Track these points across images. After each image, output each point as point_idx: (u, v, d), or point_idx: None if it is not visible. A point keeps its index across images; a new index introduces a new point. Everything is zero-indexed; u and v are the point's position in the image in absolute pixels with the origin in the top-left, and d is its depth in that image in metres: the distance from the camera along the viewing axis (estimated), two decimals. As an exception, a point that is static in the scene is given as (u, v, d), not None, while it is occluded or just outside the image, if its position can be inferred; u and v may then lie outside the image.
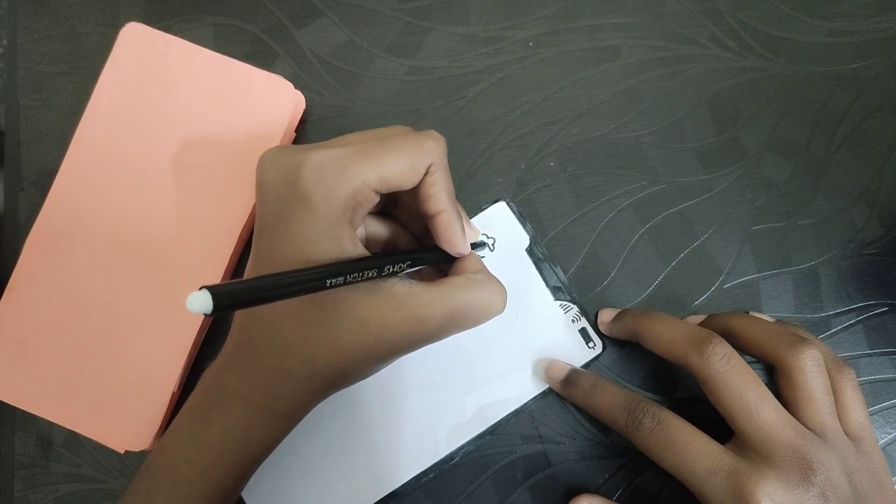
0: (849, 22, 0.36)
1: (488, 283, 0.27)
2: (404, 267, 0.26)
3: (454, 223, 0.27)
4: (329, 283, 0.22)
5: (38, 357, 0.32)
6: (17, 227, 0.34)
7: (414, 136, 0.26)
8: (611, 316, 0.32)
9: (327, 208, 0.24)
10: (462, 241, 0.27)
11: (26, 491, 0.32)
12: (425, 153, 0.25)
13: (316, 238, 0.24)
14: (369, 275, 0.24)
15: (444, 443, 0.32)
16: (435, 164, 0.26)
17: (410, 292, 0.25)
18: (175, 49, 0.33)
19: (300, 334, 0.25)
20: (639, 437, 0.28)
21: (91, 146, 0.33)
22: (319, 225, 0.24)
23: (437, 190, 0.26)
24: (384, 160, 0.24)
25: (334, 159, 0.24)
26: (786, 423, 0.27)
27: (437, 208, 0.26)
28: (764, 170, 0.35)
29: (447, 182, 0.26)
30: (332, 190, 0.24)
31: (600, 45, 0.36)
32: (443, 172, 0.26)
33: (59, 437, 0.32)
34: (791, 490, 0.25)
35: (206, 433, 0.25)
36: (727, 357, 0.27)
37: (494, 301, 0.27)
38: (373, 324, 0.24)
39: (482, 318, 0.27)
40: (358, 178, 0.24)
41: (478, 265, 0.28)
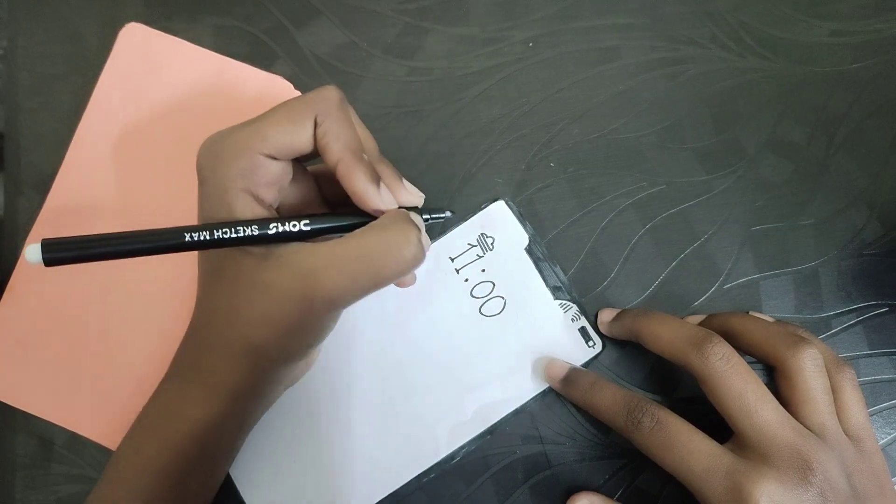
0: (849, 22, 0.36)
1: (391, 224, 0.25)
2: (300, 226, 0.24)
3: (353, 171, 0.25)
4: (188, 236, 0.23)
5: (39, 358, 0.32)
6: (17, 228, 0.34)
7: (300, 95, 0.26)
8: (611, 316, 0.32)
9: (216, 180, 0.24)
10: (370, 193, 0.25)
11: (27, 492, 0.32)
12: (308, 105, 0.25)
13: (209, 209, 0.25)
14: (246, 232, 0.23)
15: (444, 443, 0.32)
16: (322, 114, 0.25)
17: (296, 249, 0.24)
18: (175, 50, 0.33)
19: (214, 304, 0.25)
20: (638, 437, 0.29)
21: (91, 147, 0.33)
22: (210, 196, 0.25)
23: (328, 139, 0.25)
24: (264, 123, 0.24)
25: (222, 134, 0.25)
26: (785, 423, 0.27)
27: (333, 159, 0.25)
28: (764, 170, 0.35)
29: (341, 130, 0.25)
30: (216, 162, 0.24)
31: (600, 45, 0.36)
32: (334, 121, 0.25)
33: (60, 438, 0.32)
34: (790, 490, 0.25)
35: (146, 408, 0.26)
36: (727, 357, 0.27)
37: (398, 243, 0.24)
38: (262, 286, 0.24)
39: (388, 266, 0.24)
40: (240, 147, 0.24)
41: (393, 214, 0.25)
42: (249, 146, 0.24)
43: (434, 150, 0.35)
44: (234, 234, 0.23)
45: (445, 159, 0.34)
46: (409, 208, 0.27)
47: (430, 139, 0.35)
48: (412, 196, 0.28)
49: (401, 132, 0.35)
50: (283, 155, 0.25)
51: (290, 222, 0.24)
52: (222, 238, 0.23)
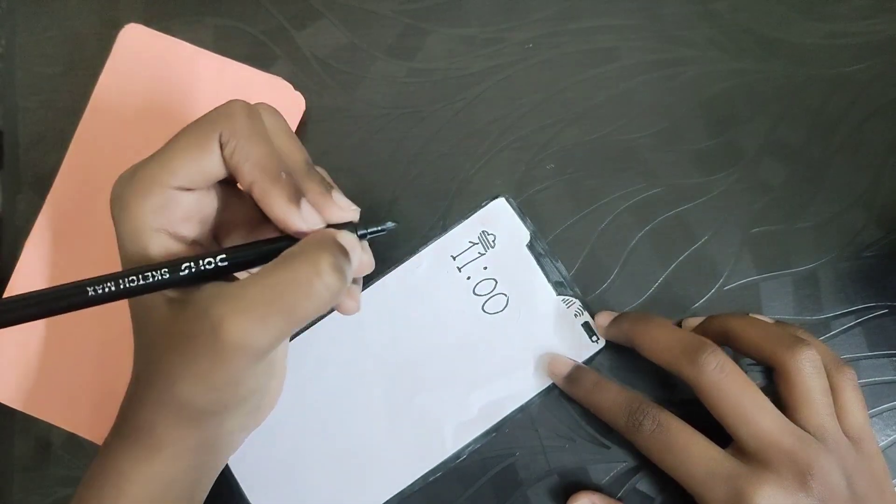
0: (846, 24, 0.36)
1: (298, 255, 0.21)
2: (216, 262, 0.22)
3: (271, 194, 0.22)
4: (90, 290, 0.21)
5: (38, 359, 0.32)
6: (17, 228, 0.34)
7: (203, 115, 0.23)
8: (608, 320, 0.32)
9: (127, 221, 0.23)
10: (290, 215, 0.22)
11: (25, 493, 0.32)
12: (210, 126, 0.22)
13: (124, 251, 0.23)
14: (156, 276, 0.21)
15: (450, 441, 0.32)
16: (226, 133, 0.22)
17: (209, 294, 0.21)
18: (174, 50, 0.33)
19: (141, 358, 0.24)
20: (639, 439, 0.28)
21: (91, 147, 0.33)
22: (125, 239, 0.23)
23: (237, 160, 0.22)
24: (168, 153, 0.22)
25: (128, 173, 0.23)
26: (783, 429, 0.27)
27: (246, 181, 0.22)
28: (762, 172, 0.35)
29: (250, 149, 0.22)
30: (127, 202, 0.22)
31: (598, 47, 0.36)
32: (241, 139, 0.22)
33: (59, 440, 0.32)
34: (790, 495, 0.25)
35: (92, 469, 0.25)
36: (721, 365, 0.27)
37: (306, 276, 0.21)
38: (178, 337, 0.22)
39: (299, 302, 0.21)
40: (145, 183, 0.22)
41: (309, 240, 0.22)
42: (157, 181, 0.22)
43: (434, 151, 0.35)
44: (141, 280, 0.21)
45: (445, 160, 0.34)
46: (342, 225, 0.24)
47: (430, 140, 0.35)
48: (344, 211, 0.24)
49: (400, 133, 0.35)
50: (195, 184, 0.23)
51: (203, 260, 0.22)
52: (130, 287, 0.21)
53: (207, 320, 0.21)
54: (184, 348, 0.21)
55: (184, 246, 0.23)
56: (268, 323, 0.21)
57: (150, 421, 0.23)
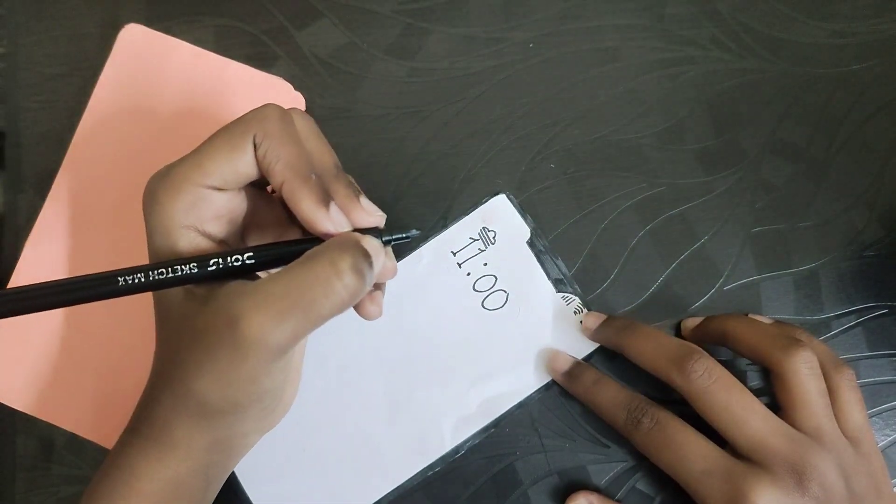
0: (849, 23, 0.36)
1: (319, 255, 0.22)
2: (243, 259, 0.22)
3: (300, 194, 0.23)
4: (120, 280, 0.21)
5: (39, 359, 0.32)
6: (17, 228, 0.34)
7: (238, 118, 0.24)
8: (595, 322, 0.32)
9: (158, 219, 0.23)
10: (318, 216, 0.23)
11: (28, 493, 0.32)
12: (245, 127, 0.23)
13: (153, 248, 0.24)
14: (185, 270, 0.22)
15: (449, 437, 0.32)
16: (260, 135, 0.23)
17: (229, 291, 0.22)
18: (175, 50, 0.33)
19: (162, 355, 0.24)
20: (637, 437, 0.29)
21: (91, 147, 0.33)
22: (155, 236, 0.23)
23: (269, 161, 0.23)
24: (202, 153, 0.23)
25: (162, 171, 0.24)
26: (776, 431, 0.27)
27: (277, 181, 0.23)
28: (764, 172, 0.35)
29: (281, 150, 0.23)
30: (159, 201, 0.23)
31: (600, 46, 0.36)
32: (274, 141, 0.23)
33: (61, 440, 0.32)
34: (786, 495, 0.26)
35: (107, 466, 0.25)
36: (709, 372, 0.27)
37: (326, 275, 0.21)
38: (198, 334, 0.22)
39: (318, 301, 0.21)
40: (178, 182, 0.23)
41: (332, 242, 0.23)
42: (190, 180, 0.23)
43: (435, 151, 0.35)
44: (170, 273, 0.21)
45: (446, 160, 0.34)
46: (368, 230, 0.24)
47: (431, 140, 0.35)
48: (370, 216, 0.25)
49: (401, 133, 0.35)
50: (227, 185, 0.23)
51: (231, 256, 0.22)
52: (159, 279, 0.21)
53: (226, 315, 0.21)
54: (202, 343, 0.22)
55: (212, 244, 0.24)
56: (286, 320, 0.21)
57: (164, 418, 0.23)
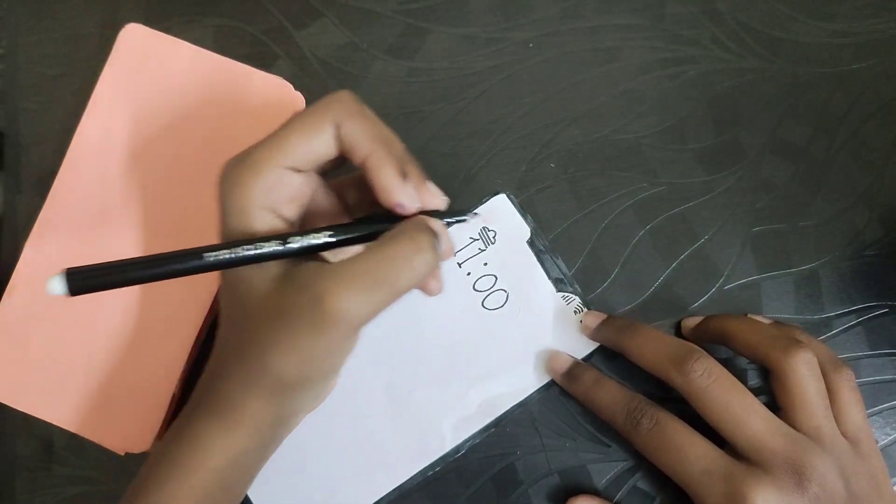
0: (849, 23, 0.36)
1: (401, 233, 0.23)
2: (323, 238, 0.23)
3: (385, 165, 0.24)
4: (206, 256, 0.22)
5: (39, 359, 0.32)
6: (17, 228, 0.34)
7: (315, 102, 0.25)
8: (595, 321, 0.32)
9: (233, 199, 0.24)
10: (395, 185, 0.24)
11: (29, 494, 0.32)
12: (325, 110, 0.24)
13: (229, 229, 0.24)
14: (268, 248, 0.22)
15: (449, 436, 0.32)
16: (341, 114, 0.24)
17: (311, 270, 0.23)
18: (175, 50, 0.33)
19: (234, 333, 0.25)
20: (636, 437, 0.29)
21: (91, 147, 0.33)
22: (230, 215, 0.24)
23: (353, 137, 0.24)
24: (282, 136, 0.24)
25: (240, 155, 0.24)
26: (775, 431, 0.27)
27: (362, 153, 0.24)
28: (764, 171, 0.35)
29: (364, 127, 0.24)
30: (236, 181, 0.24)
31: (600, 46, 0.35)
32: (356, 120, 0.24)
33: (61, 440, 0.32)
34: (786, 496, 0.26)
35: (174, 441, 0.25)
36: (708, 371, 0.28)
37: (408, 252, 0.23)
38: (278, 311, 0.23)
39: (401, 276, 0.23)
40: (258, 163, 0.23)
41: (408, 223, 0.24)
42: (271, 160, 0.23)
43: (435, 151, 0.35)
44: (255, 250, 0.22)
45: (446, 160, 0.34)
46: (431, 212, 0.26)
47: (431, 140, 0.35)
48: (436, 199, 0.26)
49: (401, 133, 0.34)
50: (306, 165, 0.24)
51: (312, 234, 0.23)
52: (244, 256, 0.22)
53: (310, 292, 0.22)
54: (282, 320, 0.23)
55: (286, 226, 0.24)
56: (372, 294, 0.22)
57: (235, 394, 0.24)
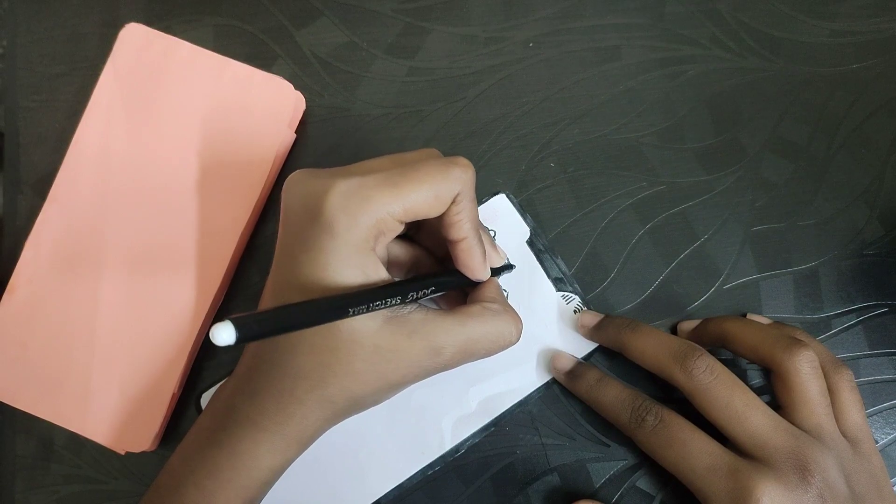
0: (849, 22, 0.36)
1: (503, 313, 0.27)
2: (427, 293, 0.26)
3: (474, 249, 0.27)
4: (352, 311, 0.22)
5: (39, 358, 0.32)
6: (17, 228, 0.34)
7: (440, 164, 0.25)
8: (593, 321, 0.32)
9: (350, 237, 0.24)
10: (482, 268, 0.27)
11: (27, 492, 0.32)
12: (451, 183, 0.25)
13: (338, 266, 0.24)
14: (392, 302, 0.24)
15: (449, 435, 0.32)
16: (461, 194, 0.25)
17: (425, 319, 0.25)
18: (175, 50, 0.33)
19: (313, 360, 0.25)
20: (641, 435, 0.29)
21: (91, 147, 0.33)
22: (342, 253, 0.24)
23: (461, 218, 0.26)
24: (408, 190, 0.24)
25: (358, 188, 0.24)
26: (777, 427, 0.27)
27: (460, 236, 0.26)
28: (764, 170, 0.35)
29: (472, 210, 0.26)
30: (354, 219, 0.24)
31: (600, 45, 0.36)
32: (469, 201, 0.26)
33: (60, 439, 0.32)
34: (790, 491, 0.26)
35: (215, 456, 0.25)
36: (710, 369, 0.28)
37: (508, 332, 0.27)
38: (386, 351, 0.25)
39: (495, 349, 0.27)
40: (382, 209, 0.24)
41: (495, 293, 0.28)
42: (388, 209, 0.24)
43: (434, 151, 0.35)
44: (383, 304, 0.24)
45: (446, 159, 0.34)
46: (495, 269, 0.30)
47: (431, 139, 0.35)
48: (500, 259, 0.31)
49: (401, 132, 0.35)
50: (412, 220, 0.25)
51: (421, 290, 0.25)
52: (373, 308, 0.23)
53: (429, 344, 0.25)
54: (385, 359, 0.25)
55: (384, 270, 0.25)
56: (472, 357, 0.26)
57: (299, 416, 0.25)
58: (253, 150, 0.33)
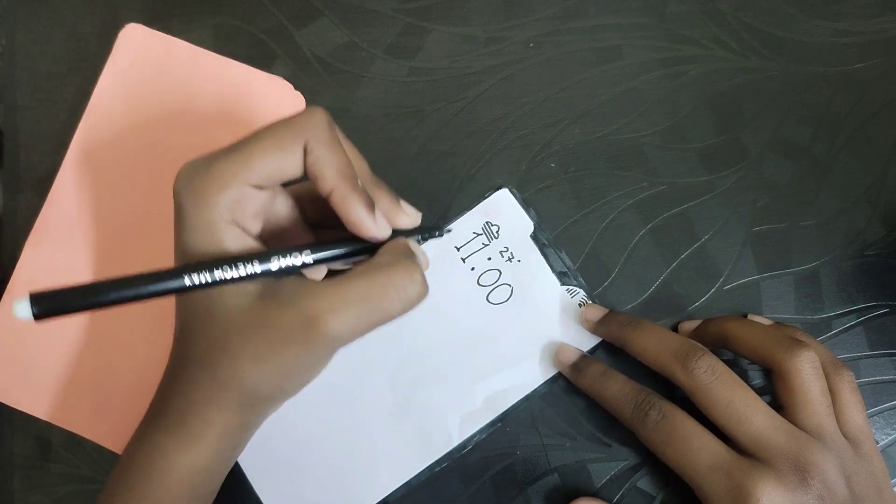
0: (851, 22, 0.36)
1: (394, 264, 0.24)
2: (302, 258, 0.23)
3: (348, 199, 0.24)
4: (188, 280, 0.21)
5: (38, 358, 0.32)
6: (17, 228, 0.34)
7: (286, 119, 0.24)
8: (596, 315, 0.32)
9: (198, 213, 0.23)
10: (365, 221, 0.24)
11: (25, 492, 0.32)
12: (293, 132, 0.23)
13: (195, 243, 0.23)
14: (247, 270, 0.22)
15: (456, 432, 0.32)
16: (312, 141, 0.23)
17: (298, 288, 0.23)
18: (175, 50, 0.33)
19: (200, 346, 0.24)
20: (643, 430, 0.29)
21: (91, 147, 0.33)
22: (195, 230, 0.23)
23: (320, 167, 0.24)
24: (249, 153, 0.23)
25: (201, 163, 0.23)
26: (778, 427, 0.27)
27: (327, 187, 0.24)
28: (766, 170, 0.35)
29: (332, 156, 0.24)
30: (200, 194, 0.23)
31: (601, 45, 0.35)
32: (325, 147, 0.24)
33: (58, 439, 0.32)
34: (790, 492, 0.26)
35: (135, 459, 0.25)
36: (711, 368, 0.28)
37: (403, 284, 0.23)
38: (259, 327, 0.23)
39: (392, 307, 0.23)
40: (226, 178, 0.23)
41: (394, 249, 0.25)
42: (236, 177, 0.23)
43: (435, 151, 0.34)
44: (236, 271, 0.22)
45: (446, 159, 0.34)
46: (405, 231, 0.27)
47: (431, 139, 0.35)
48: (410, 218, 0.27)
49: (401, 132, 0.35)
50: (270, 184, 0.24)
51: (291, 255, 0.23)
52: (224, 279, 0.22)
53: (303, 314, 0.22)
54: (265, 335, 0.23)
55: (252, 241, 0.24)
56: (362, 321, 0.23)
57: (196, 407, 0.24)
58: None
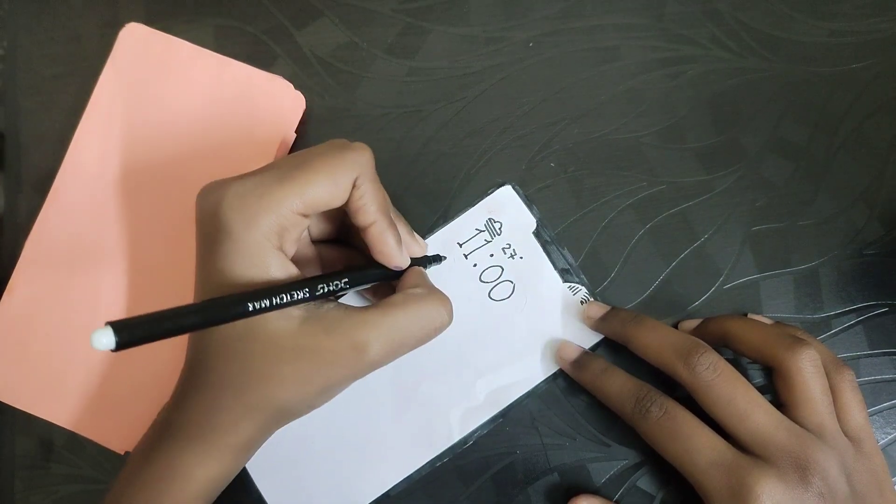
0: (849, 22, 0.36)
1: (428, 296, 0.26)
2: (341, 285, 0.25)
3: (385, 234, 0.26)
4: (251, 306, 0.22)
5: (39, 358, 0.32)
6: (17, 228, 0.34)
7: (335, 150, 0.25)
8: (598, 312, 0.32)
9: (248, 237, 0.24)
10: (396, 253, 0.27)
11: (27, 492, 0.32)
12: (347, 168, 0.25)
13: (240, 267, 0.24)
14: (299, 296, 0.23)
15: (457, 427, 0.32)
16: (361, 177, 0.25)
17: (345, 315, 0.25)
18: (175, 50, 0.33)
19: (235, 367, 0.25)
20: (644, 426, 0.29)
21: (91, 147, 0.33)
22: (243, 254, 0.24)
23: (364, 202, 0.26)
24: (303, 182, 0.24)
25: (253, 187, 0.24)
26: (779, 425, 0.27)
27: (367, 220, 0.26)
28: (764, 170, 0.35)
29: (375, 193, 0.26)
30: (252, 218, 0.24)
31: (600, 45, 0.36)
32: (370, 183, 0.26)
33: (60, 439, 0.32)
34: (790, 489, 0.26)
35: (149, 470, 0.25)
36: (713, 365, 0.28)
37: (436, 315, 0.26)
38: (307, 352, 0.24)
39: (427, 335, 0.26)
40: (278, 205, 0.24)
41: (419, 280, 0.27)
42: (290, 205, 0.24)
43: (434, 151, 0.35)
44: (289, 298, 0.23)
45: (446, 159, 0.34)
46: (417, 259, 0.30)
47: (431, 139, 0.35)
48: (421, 247, 0.30)
49: (401, 132, 0.35)
50: (314, 212, 0.25)
51: (332, 282, 0.25)
52: (279, 304, 0.23)
53: (349, 340, 0.24)
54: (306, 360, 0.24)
55: (293, 267, 0.25)
56: (401, 348, 0.25)
57: (226, 424, 0.25)
58: (253, 150, 0.33)
